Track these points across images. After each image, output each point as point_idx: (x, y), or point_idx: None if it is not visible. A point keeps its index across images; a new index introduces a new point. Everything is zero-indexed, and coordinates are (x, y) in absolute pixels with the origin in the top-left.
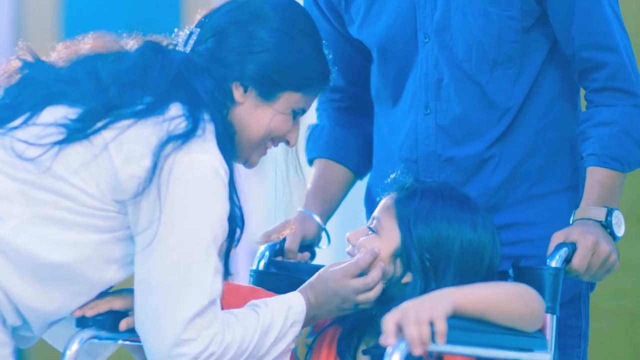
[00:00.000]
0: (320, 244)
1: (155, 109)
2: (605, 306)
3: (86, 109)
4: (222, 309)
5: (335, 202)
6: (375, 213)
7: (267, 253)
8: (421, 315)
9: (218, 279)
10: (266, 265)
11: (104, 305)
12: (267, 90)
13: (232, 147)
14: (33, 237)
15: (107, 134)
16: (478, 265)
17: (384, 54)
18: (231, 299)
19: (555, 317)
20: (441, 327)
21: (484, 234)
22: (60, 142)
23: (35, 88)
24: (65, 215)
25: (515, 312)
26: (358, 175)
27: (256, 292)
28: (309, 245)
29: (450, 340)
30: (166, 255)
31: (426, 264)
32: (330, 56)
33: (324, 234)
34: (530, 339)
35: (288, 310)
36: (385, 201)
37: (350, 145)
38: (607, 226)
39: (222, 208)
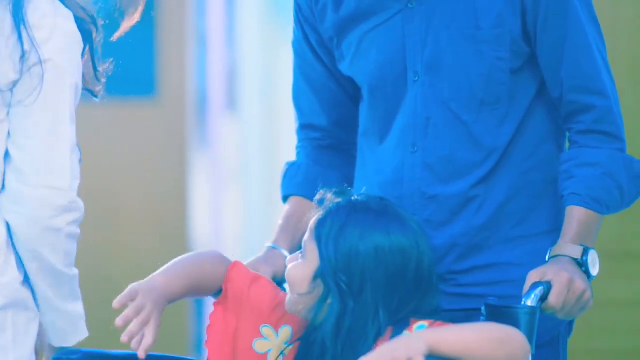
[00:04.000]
0: None
1: None
2: (579, 346)
3: None
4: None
5: None
6: (305, 235)
7: None
8: (397, 354)
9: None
10: None
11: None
12: None
13: None
14: None
15: None
16: (402, 272)
17: (373, 91)
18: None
19: (531, 356)
20: None
21: (400, 238)
22: None
23: None
24: None
25: (495, 356)
26: None
27: (258, 280)
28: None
29: None
30: (39, 118)
31: (341, 285)
32: None
33: None
34: None
35: None
36: (311, 222)
37: (326, 185)
38: (582, 264)
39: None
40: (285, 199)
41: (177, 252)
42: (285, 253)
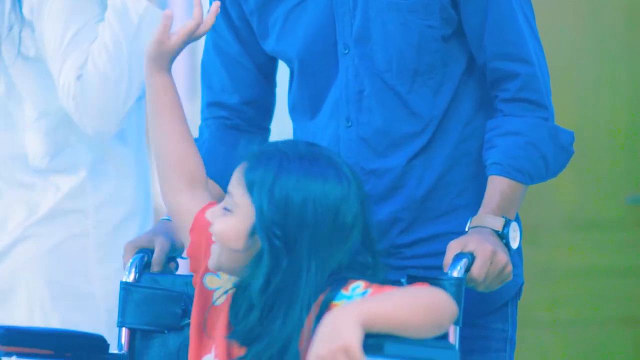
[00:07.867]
0: (184, 255)
1: None
2: (540, 316)
3: None
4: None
5: None
6: (229, 187)
7: (136, 264)
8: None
9: None
10: (136, 278)
11: None
12: None
13: None
14: None
15: None
16: (332, 222)
17: (303, 66)
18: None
19: (458, 328)
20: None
21: (335, 187)
22: None
23: None
24: None
25: (423, 326)
26: None
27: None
28: (173, 257)
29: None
30: None
31: (275, 241)
32: None
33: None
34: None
35: None
36: (236, 173)
37: (228, 166)
38: (502, 237)
39: None
40: None
41: None
42: None
